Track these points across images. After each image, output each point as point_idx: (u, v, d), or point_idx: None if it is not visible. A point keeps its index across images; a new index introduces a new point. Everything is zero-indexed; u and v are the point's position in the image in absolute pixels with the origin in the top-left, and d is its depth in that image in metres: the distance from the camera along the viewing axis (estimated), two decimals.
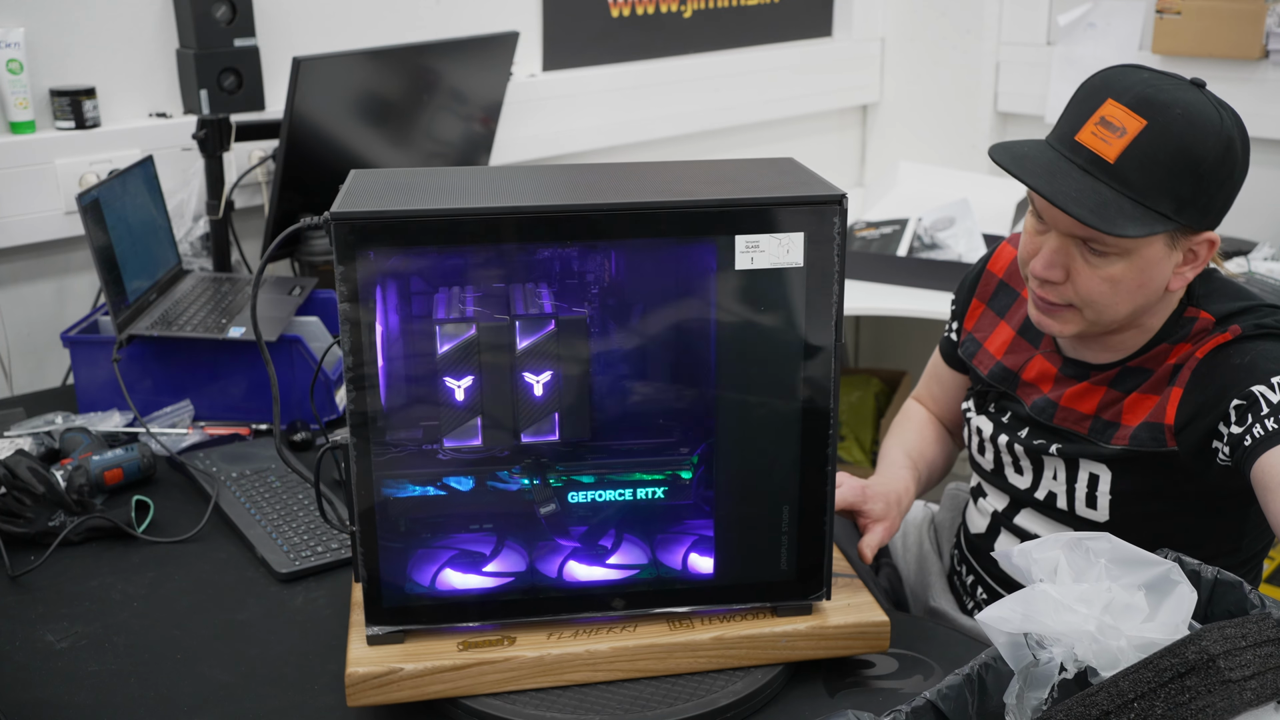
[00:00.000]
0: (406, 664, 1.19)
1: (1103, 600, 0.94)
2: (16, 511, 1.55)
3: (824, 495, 1.24)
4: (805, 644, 1.25)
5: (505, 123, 2.55)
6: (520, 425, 1.25)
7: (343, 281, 1.12)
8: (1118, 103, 1.28)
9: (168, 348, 1.87)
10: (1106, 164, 1.27)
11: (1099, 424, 1.41)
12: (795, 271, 1.16)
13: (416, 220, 1.12)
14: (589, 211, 1.14)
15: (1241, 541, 1.45)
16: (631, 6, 2.92)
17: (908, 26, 3.33)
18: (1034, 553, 1.00)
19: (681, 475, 1.28)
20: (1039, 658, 0.94)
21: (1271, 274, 2.41)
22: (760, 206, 1.15)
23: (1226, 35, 2.67)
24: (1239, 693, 0.86)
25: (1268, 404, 1.25)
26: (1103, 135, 1.28)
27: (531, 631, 1.24)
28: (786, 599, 1.26)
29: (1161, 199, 1.27)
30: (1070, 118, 1.33)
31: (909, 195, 3.02)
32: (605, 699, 1.20)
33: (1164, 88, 1.28)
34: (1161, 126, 1.26)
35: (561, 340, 1.22)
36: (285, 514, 1.60)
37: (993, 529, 1.58)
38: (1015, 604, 0.95)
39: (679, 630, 1.24)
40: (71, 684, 1.28)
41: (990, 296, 1.59)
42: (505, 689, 1.20)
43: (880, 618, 1.26)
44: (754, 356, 1.20)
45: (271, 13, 2.33)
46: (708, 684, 1.22)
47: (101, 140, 2.15)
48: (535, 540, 1.30)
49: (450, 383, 1.23)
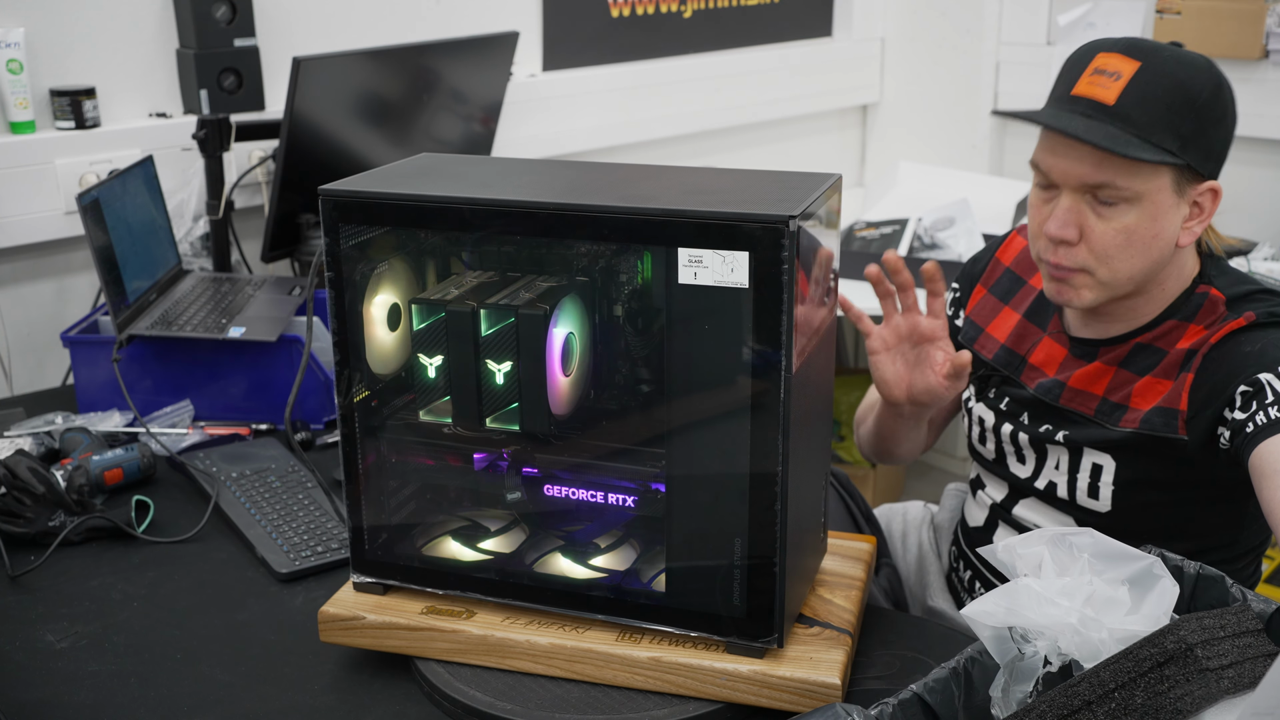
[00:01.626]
0: (370, 614, 1.27)
1: (1085, 594, 0.95)
2: (16, 511, 1.55)
3: (773, 534, 1.14)
4: (745, 687, 1.17)
5: (505, 123, 2.56)
6: (486, 411, 1.27)
7: (329, 252, 1.21)
8: (1109, 52, 1.33)
9: (168, 348, 1.87)
10: (1107, 107, 1.31)
11: (1106, 406, 1.41)
12: (741, 293, 1.08)
13: (393, 203, 1.19)
14: (536, 209, 1.14)
15: (1240, 534, 1.45)
16: (631, 6, 2.93)
17: (908, 26, 3.33)
18: (1018, 548, 1.01)
19: (652, 485, 1.24)
20: (1024, 651, 0.95)
21: (1271, 274, 2.42)
22: (702, 220, 1.08)
23: (1226, 35, 2.67)
24: (1216, 681, 0.87)
25: (1273, 392, 1.25)
26: (1099, 82, 1.32)
27: (491, 611, 1.27)
28: (735, 635, 1.18)
29: (1165, 135, 1.29)
30: (1063, 80, 1.37)
31: (909, 195, 3.02)
32: (533, 692, 1.21)
33: (1151, 40, 1.34)
34: (1155, 65, 1.30)
35: (522, 332, 1.22)
36: (285, 514, 1.60)
37: (991, 522, 1.58)
38: (1000, 598, 0.96)
39: (623, 643, 1.21)
40: (71, 684, 1.28)
41: (994, 283, 1.59)
42: (452, 658, 1.25)
43: (832, 680, 1.16)
44: (701, 377, 1.13)
45: (271, 13, 2.33)
46: (636, 703, 1.19)
47: (101, 140, 2.15)
48: (539, 527, 1.32)
49: (423, 359, 1.28)
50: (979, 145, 3.22)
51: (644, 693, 1.21)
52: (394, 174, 1.28)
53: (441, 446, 1.30)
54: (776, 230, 1.06)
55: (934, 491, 2.75)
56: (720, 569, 1.17)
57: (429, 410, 1.31)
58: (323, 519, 1.58)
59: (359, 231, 1.22)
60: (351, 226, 1.21)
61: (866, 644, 1.32)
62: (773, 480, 1.13)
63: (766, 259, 1.07)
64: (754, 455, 1.13)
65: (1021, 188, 2.94)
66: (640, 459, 1.24)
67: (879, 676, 1.27)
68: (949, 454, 3.40)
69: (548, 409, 1.24)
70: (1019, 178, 3.10)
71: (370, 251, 1.25)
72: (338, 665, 1.30)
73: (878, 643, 1.33)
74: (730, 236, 1.07)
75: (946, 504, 1.81)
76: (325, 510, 1.60)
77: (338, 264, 1.22)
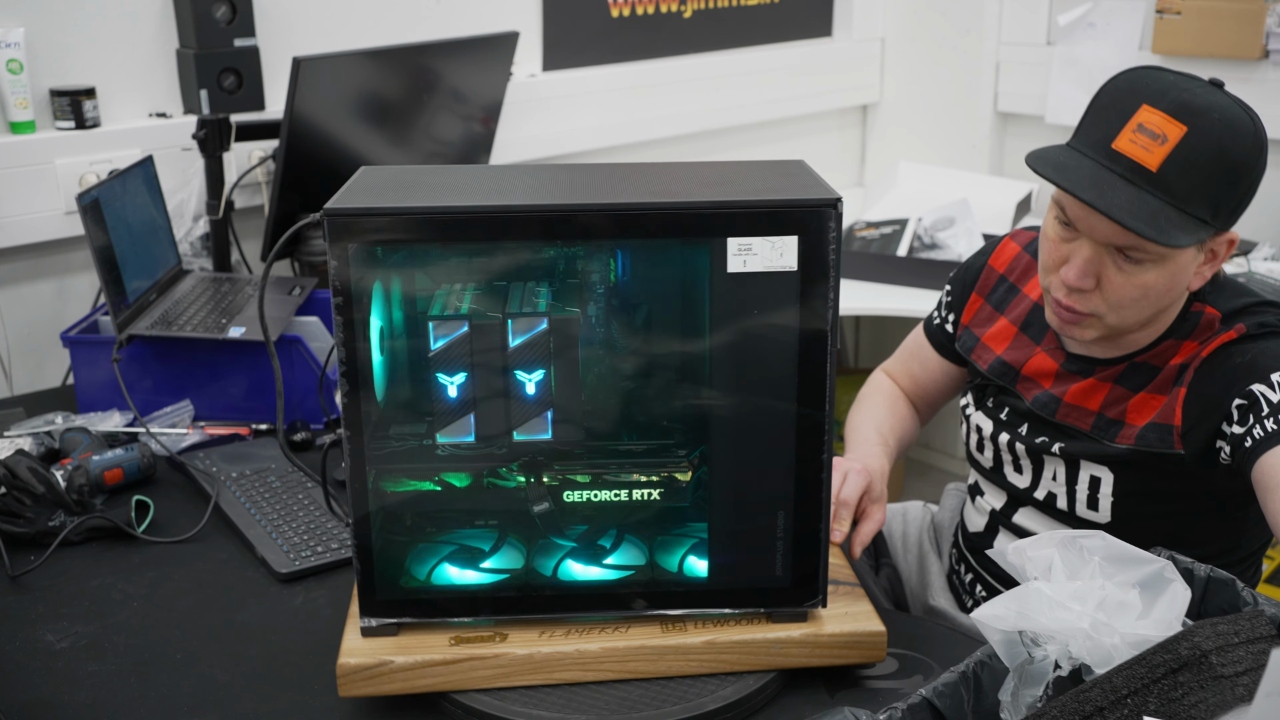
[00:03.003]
0: (397, 656, 1.19)
1: (1096, 598, 0.94)
2: (16, 511, 1.55)
3: (819, 502, 1.22)
4: (799, 651, 1.24)
5: (505, 123, 2.55)
6: (513, 423, 1.25)
7: (335, 277, 1.12)
8: (1155, 109, 1.26)
9: (168, 348, 1.87)
10: (1149, 172, 1.26)
11: (1103, 421, 1.41)
12: (789, 275, 1.14)
13: (408, 216, 1.12)
14: (580, 211, 1.13)
15: (1241, 540, 1.45)
16: (631, 6, 2.92)
17: (908, 26, 3.33)
18: (1028, 550, 1.01)
19: (678, 477, 1.27)
20: (1034, 655, 0.94)
21: (1271, 274, 2.41)
22: (752, 209, 1.13)
23: (1226, 35, 2.67)
24: (1231, 688, 0.86)
25: (1268, 404, 1.25)
26: (1142, 143, 1.26)
27: (523, 629, 1.24)
28: (781, 605, 1.25)
29: (1200, 204, 1.26)
30: (1101, 123, 1.31)
31: (909, 195, 3.02)
32: (594, 699, 1.20)
33: (1197, 92, 1.27)
34: (1201, 132, 1.25)
35: (554, 339, 1.22)
36: (285, 514, 1.60)
37: (991, 527, 1.58)
38: (1010, 602, 0.96)
39: (671, 633, 1.24)
40: (71, 684, 1.28)
41: (990, 291, 1.58)
42: (495, 685, 1.21)
43: (877, 627, 1.24)
44: (748, 361, 1.18)
45: (271, 13, 2.33)
46: (698, 688, 1.21)
47: (101, 140, 2.15)
48: (534, 538, 1.30)
49: (443, 379, 1.23)
50: (979, 145, 3.22)
51: (694, 678, 1.23)
52: (404, 187, 1.21)
53: (462, 468, 1.26)
54: (824, 214, 1.13)
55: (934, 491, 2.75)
56: (765, 544, 1.23)
57: (446, 431, 1.26)
58: (323, 519, 1.58)
59: (368, 251, 1.15)
60: (362, 245, 1.14)
61: None
62: (819, 450, 1.20)
63: (815, 241, 1.13)
64: (800, 430, 1.19)
65: (1021, 188, 2.94)
66: (664, 452, 1.27)
67: (880, 676, 1.27)
68: (949, 454, 3.40)
69: (579, 414, 1.24)
70: (1019, 178, 3.10)
71: (379, 271, 1.19)
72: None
73: None
74: (779, 222, 1.13)
75: (946, 504, 1.81)
76: (325, 510, 1.60)
77: (347, 288, 1.13)
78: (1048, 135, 3.11)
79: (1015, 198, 2.88)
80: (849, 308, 2.56)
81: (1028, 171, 3.21)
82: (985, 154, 3.21)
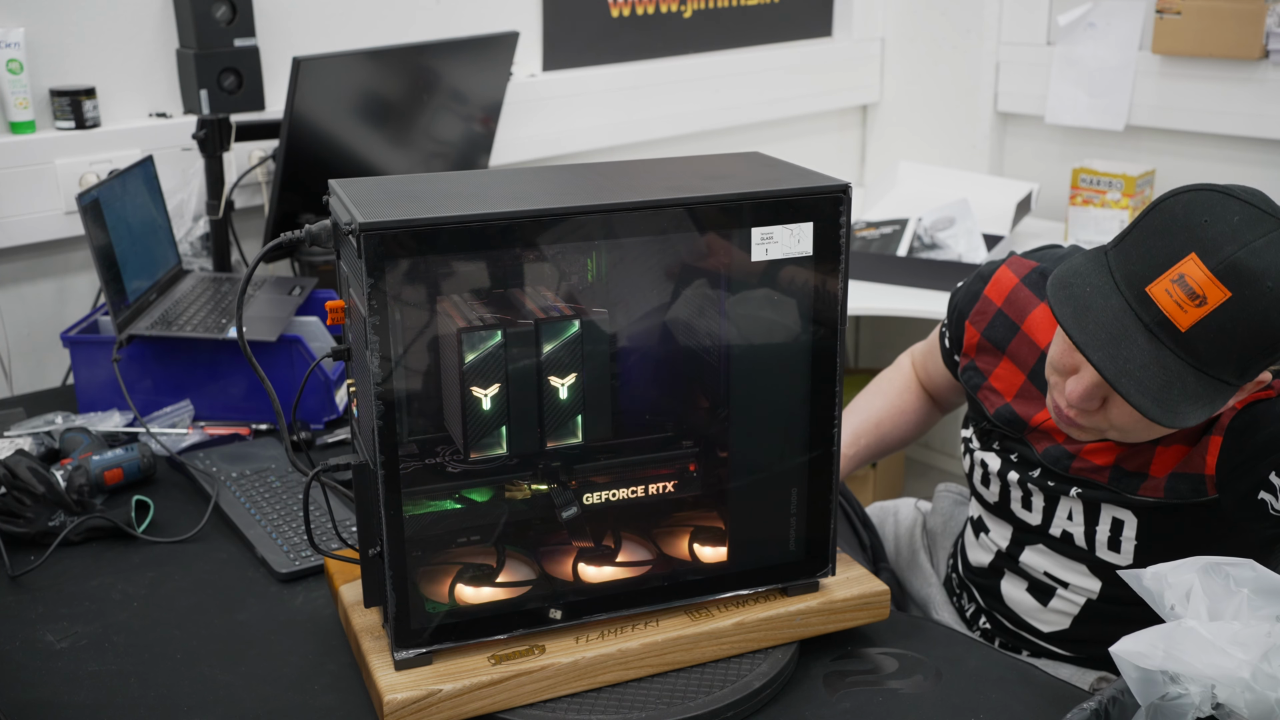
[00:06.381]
0: (444, 684, 1.15)
1: (1261, 646, 0.86)
2: (16, 511, 1.55)
3: (830, 474, 1.27)
4: (817, 620, 1.29)
5: (505, 123, 2.55)
6: (547, 430, 1.23)
7: (373, 295, 1.07)
8: (1202, 264, 1.14)
9: (168, 348, 1.87)
10: (1176, 331, 1.16)
11: (1119, 473, 1.36)
12: (804, 260, 1.20)
13: (449, 227, 1.09)
14: (613, 210, 1.15)
15: None
16: (631, 6, 2.92)
17: (908, 26, 3.33)
18: (1169, 576, 0.95)
19: (690, 467, 1.29)
20: (1170, 693, 0.88)
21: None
22: (776, 199, 1.18)
23: (1226, 35, 2.67)
24: None
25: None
26: (1178, 297, 1.15)
27: (558, 637, 1.23)
28: (796, 578, 1.30)
29: (1226, 368, 1.18)
30: (1144, 253, 1.19)
31: (909, 195, 3.02)
32: (642, 696, 1.20)
33: (1258, 248, 1.14)
34: (1246, 303, 1.14)
35: (585, 341, 1.22)
36: (285, 514, 1.60)
37: (996, 566, 1.54)
38: (1156, 639, 0.90)
39: (700, 620, 1.26)
40: (71, 684, 1.28)
41: (987, 325, 1.50)
42: (542, 698, 1.19)
43: (880, 587, 1.31)
44: (765, 345, 1.23)
45: (271, 13, 2.33)
46: (734, 669, 1.24)
47: (101, 140, 2.15)
48: (539, 545, 1.28)
49: (477, 392, 1.19)
50: (979, 145, 3.22)
51: (726, 660, 1.26)
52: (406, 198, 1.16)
53: (486, 483, 1.24)
54: (837, 199, 1.20)
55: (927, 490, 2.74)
56: (781, 521, 1.28)
57: (479, 446, 1.22)
58: (323, 519, 1.58)
59: (403, 265, 1.09)
60: (399, 262, 1.08)
61: (866, 644, 1.33)
62: (831, 423, 1.25)
63: (828, 226, 1.20)
64: (814, 404, 1.25)
65: (1021, 188, 2.94)
66: (674, 444, 1.30)
67: (880, 676, 1.27)
68: (949, 454, 3.40)
69: (610, 416, 1.25)
70: (1019, 178, 3.10)
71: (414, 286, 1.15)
72: (338, 665, 1.30)
73: (877, 643, 1.33)
74: (796, 210, 1.19)
75: (939, 508, 1.79)
76: (325, 510, 1.60)
77: (384, 307, 1.08)
78: (1047, 135, 3.11)
79: (1015, 198, 2.88)
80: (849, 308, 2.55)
81: (1028, 171, 3.24)
82: (985, 154, 3.21)
